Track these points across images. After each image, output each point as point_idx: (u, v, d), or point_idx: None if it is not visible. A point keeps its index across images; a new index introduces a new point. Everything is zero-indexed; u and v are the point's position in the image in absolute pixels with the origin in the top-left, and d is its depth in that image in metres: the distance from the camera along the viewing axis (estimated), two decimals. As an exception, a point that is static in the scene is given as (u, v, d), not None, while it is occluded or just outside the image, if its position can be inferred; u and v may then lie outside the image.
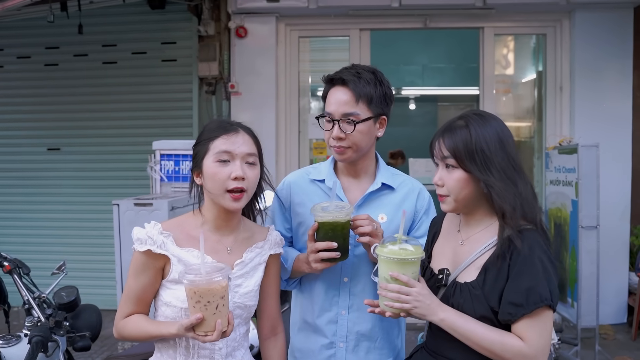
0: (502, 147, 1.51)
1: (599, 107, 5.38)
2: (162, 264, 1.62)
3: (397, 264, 1.51)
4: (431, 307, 1.50)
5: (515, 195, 1.49)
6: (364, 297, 1.85)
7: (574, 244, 4.59)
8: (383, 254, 1.53)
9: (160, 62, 5.82)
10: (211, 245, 1.66)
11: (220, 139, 1.62)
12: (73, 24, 4.97)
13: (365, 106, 1.80)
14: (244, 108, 5.53)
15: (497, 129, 1.53)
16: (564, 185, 4.77)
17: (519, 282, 1.45)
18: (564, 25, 5.51)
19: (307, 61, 6.05)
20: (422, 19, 5.56)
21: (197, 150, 1.67)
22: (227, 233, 1.69)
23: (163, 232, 1.62)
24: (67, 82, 5.97)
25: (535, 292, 1.43)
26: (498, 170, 1.49)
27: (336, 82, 1.84)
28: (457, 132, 1.52)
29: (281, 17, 5.58)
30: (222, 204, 1.62)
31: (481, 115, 1.57)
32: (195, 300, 1.45)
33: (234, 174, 1.59)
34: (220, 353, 1.65)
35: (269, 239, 1.76)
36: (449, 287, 1.57)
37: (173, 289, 1.61)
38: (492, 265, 1.50)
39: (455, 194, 1.54)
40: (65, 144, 6.02)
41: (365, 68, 1.86)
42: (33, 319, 2.37)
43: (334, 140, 1.82)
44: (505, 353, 1.44)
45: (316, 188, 1.95)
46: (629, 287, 5.34)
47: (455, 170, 1.52)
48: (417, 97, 9.06)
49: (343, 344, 1.88)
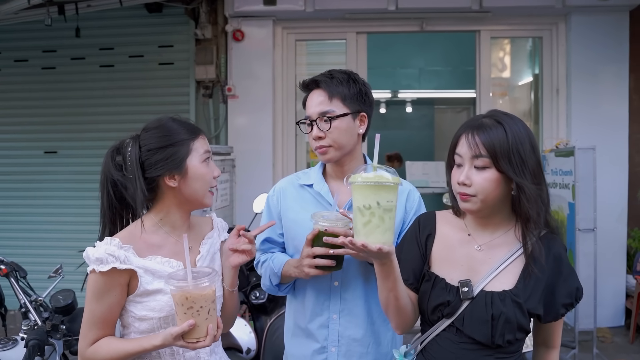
0: (533, 150, 1.48)
1: (595, 110, 5.39)
2: (127, 279, 1.56)
3: (372, 188, 1.37)
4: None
5: (541, 199, 1.48)
6: (354, 302, 1.87)
7: (571, 247, 4.60)
8: (357, 181, 1.39)
9: (158, 66, 5.82)
10: (171, 248, 1.64)
11: (200, 140, 1.65)
12: (70, 27, 4.97)
13: (339, 103, 1.84)
14: (241, 111, 5.53)
15: (527, 132, 1.50)
16: (561, 188, 4.78)
17: (568, 285, 1.51)
18: (560, 29, 5.53)
19: (304, 64, 6.05)
20: (419, 22, 5.57)
21: (173, 151, 1.60)
22: (183, 231, 1.66)
23: (123, 245, 1.55)
24: (64, 86, 5.96)
25: (579, 290, 1.52)
26: (531, 174, 1.46)
27: (311, 86, 1.90)
28: (493, 130, 1.46)
29: (278, 20, 5.59)
30: (204, 202, 1.65)
31: (509, 115, 1.53)
32: (187, 306, 1.41)
33: (216, 173, 1.67)
34: (205, 351, 1.64)
35: (215, 226, 1.78)
36: (479, 298, 1.50)
37: (145, 302, 1.56)
38: (528, 272, 1.49)
39: (485, 195, 1.47)
40: (62, 147, 6.00)
41: (339, 70, 1.91)
42: (30, 322, 2.36)
43: (315, 141, 1.86)
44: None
45: (305, 193, 1.96)
46: (626, 290, 5.34)
47: (487, 170, 1.46)
48: (414, 100, 9.08)
49: (335, 349, 1.88)
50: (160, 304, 1.56)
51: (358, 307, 1.88)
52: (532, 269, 1.48)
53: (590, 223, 4.52)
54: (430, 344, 1.58)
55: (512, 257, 1.52)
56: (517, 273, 1.50)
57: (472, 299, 1.50)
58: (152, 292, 1.55)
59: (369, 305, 1.88)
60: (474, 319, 1.49)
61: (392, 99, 8.90)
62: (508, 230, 1.55)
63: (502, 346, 1.48)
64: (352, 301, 1.87)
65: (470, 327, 1.49)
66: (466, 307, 1.50)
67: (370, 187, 1.37)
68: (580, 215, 4.51)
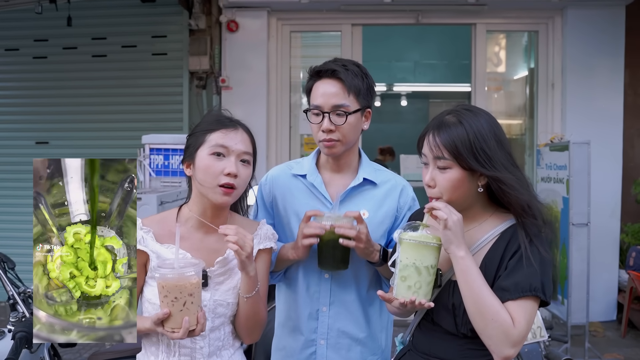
0: (499, 143, 1.47)
1: (590, 105, 5.39)
2: (144, 260, 1.60)
3: (421, 247, 1.45)
4: (461, 240, 1.43)
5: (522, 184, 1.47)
6: (345, 294, 1.85)
7: (565, 242, 4.60)
8: (407, 237, 1.46)
9: (151, 56, 5.77)
10: (193, 243, 1.63)
11: (218, 133, 1.61)
12: (62, 16, 4.91)
13: (354, 98, 1.78)
14: (235, 103, 5.49)
15: (491, 126, 1.49)
16: (555, 182, 4.77)
17: (512, 271, 1.44)
18: (556, 23, 5.51)
19: (299, 57, 6.02)
20: (415, 14, 5.55)
21: (191, 141, 1.64)
22: (212, 231, 1.63)
23: (143, 227, 1.60)
24: (56, 75, 5.90)
25: (526, 281, 1.41)
26: (502, 165, 1.45)
27: (324, 74, 1.80)
28: (452, 129, 1.46)
29: (273, 11, 5.55)
30: (211, 197, 1.60)
31: (471, 110, 1.52)
32: (163, 294, 1.43)
33: (228, 170, 1.57)
34: (202, 352, 1.61)
35: (258, 233, 1.71)
36: (445, 287, 1.53)
37: (153, 286, 1.58)
38: (490, 259, 1.49)
39: (449, 195, 1.48)
40: (53, 137, 5.96)
41: (350, 61, 1.84)
42: (18, 314, 2.33)
43: (324, 133, 1.79)
44: (493, 323, 1.39)
45: (298, 183, 1.92)
46: (618, 285, 5.37)
47: (449, 170, 1.46)
48: (409, 93, 9.08)
49: (324, 341, 1.86)
50: None
51: (348, 299, 1.86)
52: (491, 256, 1.49)
53: (584, 218, 4.52)
54: (416, 332, 1.65)
55: (480, 245, 1.52)
56: (480, 261, 1.50)
57: (439, 287, 1.53)
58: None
59: (359, 297, 1.87)
60: (441, 308, 1.52)
61: (387, 92, 8.89)
62: (483, 221, 1.55)
63: (471, 336, 1.48)
64: (342, 294, 1.86)
65: (438, 316, 1.53)
66: (435, 296, 1.52)
67: (419, 246, 1.45)
68: (574, 209, 4.51)
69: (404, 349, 1.70)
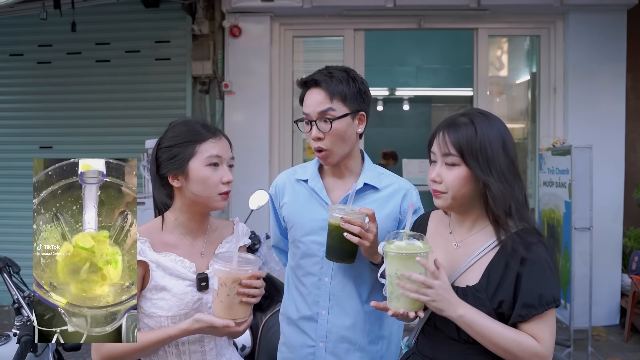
0: (504, 150, 1.50)
1: (592, 109, 5.39)
2: (142, 272, 1.58)
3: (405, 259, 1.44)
4: (452, 302, 1.43)
5: (510, 198, 1.48)
6: (344, 298, 1.88)
7: (567, 246, 4.60)
8: (390, 250, 1.45)
9: (154, 61, 5.79)
10: (184, 250, 1.65)
11: (209, 143, 1.63)
12: (66, 21, 4.93)
13: (340, 103, 1.81)
14: (238, 107, 5.51)
15: (500, 131, 1.52)
16: (557, 186, 4.77)
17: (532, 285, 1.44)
18: (558, 27, 5.52)
19: (301, 61, 6.03)
20: (417, 19, 5.56)
21: (177, 151, 1.62)
22: (199, 235, 1.69)
23: (140, 238, 1.58)
24: (60, 80, 5.93)
25: (549, 294, 1.44)
26: (498, 172, 1.47)
27: (309, 84, 1.86)
28: (462, 128, 1.50)
29: (275, 16, 5.57)
30: (211, 205, 1.64)
31: (485, 114, 1.56)
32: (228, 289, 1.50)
33: (226, 178, 1.63)
34: (211, 353, 1.64)
35: (236, 231, 1.74)
36: None
37: (154, 300, 1.58)
38: (494, 268, 1.49)
39: (454, 192, 1.51)
40: (57, 142, 5.98)
41: (338, 68, 1.87)
42: (23, 318, 2.34)
43: (314, 141, 1.83)
44: (521, 352, 1.42)
45: (301, 187, 1.96)
46: (621, 289, 5.35)
47: (456, 168, 1.50)
48: (411, 97, 9.07)
49: (323, 344, 1.89)
50: (169, 304, 1.57)
51: (347, 304, 1.88)
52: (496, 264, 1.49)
53: (586, 222, 4.51)
54: (420, 336, 1.66)
55: (482, 252, 1.53)
56: (483, 269, 1.51)
57: None
58: (161, 289, 1.57)
59: (358, 302, 1.89)
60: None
61: (390, 96, 8.89)
62: (486, 226, 1.56)
63: (473, 342, 1.48)
64: (341, 298, 1.88)
65: (441, 321, 1.53)
66: None
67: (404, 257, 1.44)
68: (576, 214, 4.51)
69: (408, 352, 1.72)
